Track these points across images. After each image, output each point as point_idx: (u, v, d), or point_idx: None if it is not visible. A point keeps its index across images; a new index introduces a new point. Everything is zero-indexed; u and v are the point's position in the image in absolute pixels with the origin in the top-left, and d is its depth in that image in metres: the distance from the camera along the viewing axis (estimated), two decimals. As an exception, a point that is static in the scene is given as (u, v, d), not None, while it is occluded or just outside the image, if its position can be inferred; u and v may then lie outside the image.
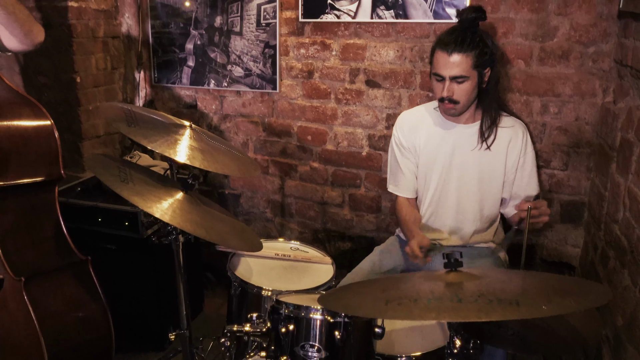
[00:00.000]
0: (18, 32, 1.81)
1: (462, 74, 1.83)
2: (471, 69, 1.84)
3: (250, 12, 2.62)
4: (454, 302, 1.04)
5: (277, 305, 1.48)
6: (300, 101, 2.67)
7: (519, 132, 1.98)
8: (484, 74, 1.88)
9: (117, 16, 2.90)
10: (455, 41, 1.82)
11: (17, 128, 1.71)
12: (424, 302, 1.05)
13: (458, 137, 2.00)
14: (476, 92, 1.91)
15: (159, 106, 2.98)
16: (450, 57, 1.82)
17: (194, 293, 2.73)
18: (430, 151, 2.04)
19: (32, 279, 1.69)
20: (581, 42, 2.13)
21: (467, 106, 1.94)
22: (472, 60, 1.83)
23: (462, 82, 1.85)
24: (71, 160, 2.80)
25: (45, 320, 1.71)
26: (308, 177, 2.76)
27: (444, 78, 1.86)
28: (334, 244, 2.79)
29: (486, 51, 1.85)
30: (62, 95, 2.72)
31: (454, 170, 2.00)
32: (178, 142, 1.63)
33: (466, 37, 1.83)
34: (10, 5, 1.76)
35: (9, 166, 1.67)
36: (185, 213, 1.51)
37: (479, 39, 1.85)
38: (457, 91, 1.87)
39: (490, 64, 1.89)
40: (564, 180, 2.29)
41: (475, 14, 1.87)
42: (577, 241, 2.34)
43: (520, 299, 1.03)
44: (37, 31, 1.85)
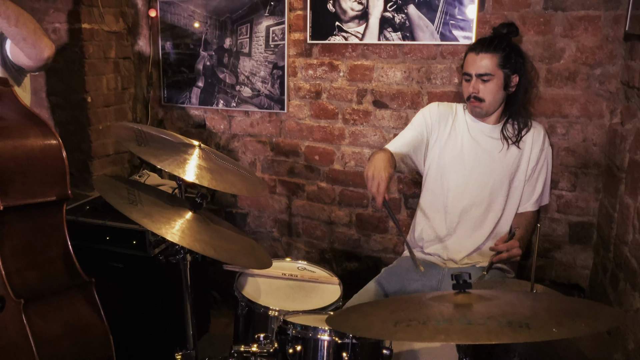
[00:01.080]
0: (23, 46, 1.78)
1: (487, 71, 1.95)
2: (497, 67, 1.95)
3: (259, 34, 2.66)
4: (463, 324, 1.03)
5: (284, 325, 1.47)
6: (308, 121, 2.69)
7: (540, 132, 2.09)
8: (510, 77, 1.98)
9: (128, 38, 2.95)
10: (483, 43, 1.99)
11: (23, 148, 1.70)
12: (433, 324, 1.04)
13: (482, 138, 2.06)
14: (502, 95, 2.01)
15: (168, 126, 3.01)
16: (478, 55, 1.97)
17: (201, 312, 2.72)
18: (452, 149, 2.08)
19: (32, 301, 1.66)
20: (587, 64, 2.14)
21: (494, 107, 2.02)
22: (498, 60, 1.95)
23: (488, 80, 1.96)
24: (80, 179, 2.82)
25: (43, 344, 1.67)
26: (315, 196, 2.77)
27: (471, 76, 1.98)
28: (340, 264, 2.78)
29: (512, 56, 1.97)
30: (72, 114, 2.76)
31: (476, 171, 2.05)
32: (187, 161, 1.64)
33: (493, 40, 1.98)
34: (14, 18, 1.73)
35: (13, 186, 1.65)
36: (195, 233, 1.52)
37: (507, 44, 1.98)
38: (483, 89, 1.98)
39: (518, 71, 2.00)
40: (572, 201, 2.28)
41: (508, 29, 2.04)
42: (586, 262, 2.32)
43: (530, 321, 1.02)
44: (44, 45, 1.80)
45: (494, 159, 2.05)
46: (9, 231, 1.68)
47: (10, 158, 1.65)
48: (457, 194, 2.07)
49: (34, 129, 1.75)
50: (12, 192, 1.65)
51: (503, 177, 2.05)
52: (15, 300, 1.64)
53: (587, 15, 2.10)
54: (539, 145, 2.07)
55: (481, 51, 1.97)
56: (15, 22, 1.74)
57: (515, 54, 1.99)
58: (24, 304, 1.64)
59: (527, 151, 2.06)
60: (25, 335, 1.64)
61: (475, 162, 2.06)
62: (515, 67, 1.99)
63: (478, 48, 1.99)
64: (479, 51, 1.98)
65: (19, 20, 1.75)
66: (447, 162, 2.09)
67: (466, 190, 2.06)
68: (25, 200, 1.70)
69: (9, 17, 1.73)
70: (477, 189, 2.05)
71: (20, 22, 1.75)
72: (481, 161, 2.05)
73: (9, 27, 1.74)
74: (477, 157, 2.06)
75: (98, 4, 2.69)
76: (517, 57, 1.99)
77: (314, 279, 2.01)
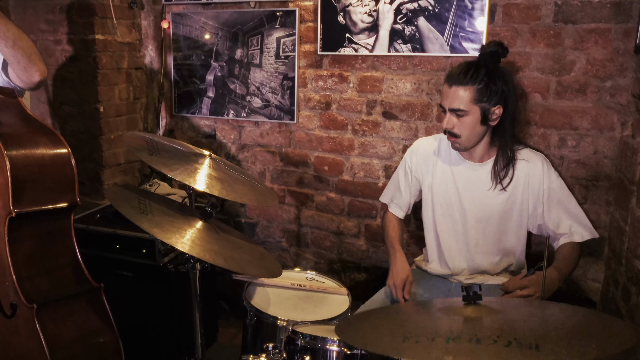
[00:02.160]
0: (16, 67, 1.81)
1: (459, 107, 1.79)
2: (471, 103, 1.79)
3: (270, 45, 2.68)
4: (473, 343, 1.01)
5: (293, 335, 1.47)
6: (318, 132, 2.71)
7: (537, 164, 1.91)
8: (489, 110, 1.80)
9: (140, 48, 2.99)
10: (458, 73, 1.80)
11: (34, 156, 1.73)
12: (442, 342, 1.03)
13: (472, 178, 1.94)
14: (482, 129, 1.85)
15: (178, 135, 3.04)
16: (451, 89, 1.81)
17: (209, 322, 2.72)
18: (443, 189, 2.00)
19: (44, 306, 1.69)
20: (598, 76, 2.14)
21: (473, 142, 1.87)
22: (473, 94, 1.78)
23: (462, 115, 1.81)
24: (91, 188, 2.85)
25: (56, 348, 1.69)
26: (324, 207, 2.77)
27: (445, 110, 1.84)
28: (349, 274, 2.78)
29: (492, 87, 1.78)
30: (85, 124, 2.80)
31: (469, 210, 1.96)
32: (198, 170, 1.66)
33: (469, 70, 1.79)
34: (11, 40, 1.75)
35: (25, 194, 1.68)
36: (205, 242, 1.52)
37: (485, 73, 1.78)
38: (457, 124, 1.83)
39: (501, 102, 1.81)
40: (582, 213, 2.26)
41: (495, 48, 1.84)
42: (597, 276, 2.29)
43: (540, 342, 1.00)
44: (35, 70, 1.81)
45: (488, 195, 1.92)
46: (20, 237, 1.71)
47: (22, 166, 1.68)
48: (450, 236, 2.00)
49: (44, 138, 1.79)
50: (24, 199, 1.68)
51: (500, 216, 1.92)
52: (27, 305, 1.66)
53: (598, 28, 2.10)
54: (537, 181, 1.90)
55: (454, 83, 1.79)
56: (13, 44, 1.77)
57: (496, 84, 1.79)
58: (37, 309, 1.66)
59: (521, 193, 1.90)
60: (39, 341, 1.66)
61: (465, 203, 1.95)
62: (496, 98, 1.79)
63: (451, 80, 1.81)
64: (452, 83, 1.80)
65: (16, 43, 1.77)
66: (438, 204, 2.01)
67: (460, 233, 1.98)
68: (36, 207, 1.73)
69: (7, 38, 1.76)
70: (474, 231, 1.96)
71: (17, 45, 1.77)
72: (471, 201, 1.94)
73: (5, 47, 1.77)
74: (466, 197, 1.95)
75: (112, 15, 2.74)
76: (500, 87, 1.79)
77: (322, 289, 2.01)
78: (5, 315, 1.71)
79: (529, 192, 1.91)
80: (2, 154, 1.64)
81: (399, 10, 2.37)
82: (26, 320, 1.67)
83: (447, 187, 1.99)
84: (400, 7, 2.37)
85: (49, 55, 2.76)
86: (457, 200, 1.97)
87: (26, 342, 1.70)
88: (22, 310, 1.67)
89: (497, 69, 1.83)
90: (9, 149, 1.65)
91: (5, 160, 1.63)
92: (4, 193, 1.65)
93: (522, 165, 1.91)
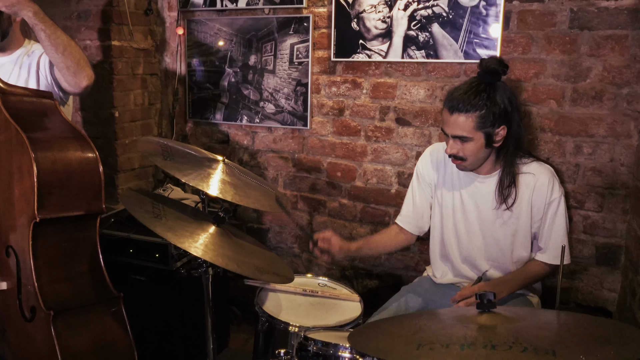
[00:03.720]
0: (65, 73, 1.88)
1: (463, 134, 1.75)
2: (474, 130, 1.74)
3: (284, 52, 2.70)
4: (488, 349, 1.00)
5: (305, 342, 1.47)
6: (331, 138, 2.71)
7: (544, 178, 1.85)
8: (493, 133, 1.76)
9: (155, 55, 3.02)
10: (458, 99, 1.74)
11: (62, 162, 1.73)
12: (457, 349, 1.02)
13: (478, 189, 1.92)
14: (487, 151, 1.81)
15: (192, 141, 3.06)
16: (452, 116, 1.75)
17: (220, 327, 2.72)
18: (449, 197, 1.98)
19: (61, 313, 1.67)
20: (614, 83, 2.12)
21: (478, 164, 1.85)
22: (476, 120, 1.73)
23: (466, 142, 1.77)
24: (105, 192, 2.84)
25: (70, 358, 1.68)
26: (337, 213, 2.77)
27: (448, 136, 1.80)
28: (361, 281, 2.77)
29: (494, 111, 1.72)
30: (100, 129, 2.83)
31: (473, 221, 1.94)
32: (211, 176, 1.67)
33: (470, 96, 1.72)
34: (62, 46, 1.84)
35: (51, 199, 1.68)
36: (218, 247, 1.53)
37: (487, 96, 1.72)
38: (462, 149, 1.79)
39: (505, 122, 1.76)
40: (598, 222, 2.24)
41: (496, 66, 1.76)
42: (613, 285, 2.26)
43: (556, 347, 0.99)
44: (84, 76, 1.89)
45: (490, 213, 1.90)
46: (43, 243, 1.70)
47: (49, 172, 1.67)
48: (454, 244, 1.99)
49: (73, 143, 1.78)
50: (49, 205, 1.67)
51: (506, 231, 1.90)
52: (45, 311, 1.66)
53: (614, 34, 2.08)
54: (542, 195, 1.85)
55: (455, 111, 1.74)
56: (63, 50, 1.84)
57: (498, 106, 1.73)
58: (53, 316, 1.65)
59: (527, 204, 1.86)
60: (53, 348, 1.65)
61: (469, 213, 1.93)
62: (499, 120, 1.74)
63: (452, 106, 1.75)
64: (453, 110, 1.74)
65: (67, 49, 1.85)
66: (444, 211, 1.99)
67: (464, 242, 1.96)
68: (61, 213, 1.72)
69: (57, 45, 1.83)
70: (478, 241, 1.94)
71: (68, 51, 1.85)
72: (475, 213, 1.93)
73: (56, 54, 1.84)
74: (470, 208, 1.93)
75: (128, 22, 2.77)
76: (502, 107, 1.74)
77: (334, 295, 2.00)
78: (25, 318, 1.71)
79: (534, 204, 1.87)
80: (30, 159, 1.63)
81: (412, 16, 2.37)
82: (43, 326, 1.67)
83: (454, 195, 1.97)
84: (414, 14, 2.37)
85: (66, 61, 2.80)
86: (462, 210, 1.95)
87: (41, 348, 1.69)
88: (40, 315, 1.67)
89: (497, 88, 1.77)
90: (37, 154, 1.64)
91: (32, 165, 1.63)
92: (30, 197, 1.65)
93: (530, 179, 1.86)
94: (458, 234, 1.98)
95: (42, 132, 1.76)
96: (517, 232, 1.91)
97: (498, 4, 2.22)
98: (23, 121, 1.70)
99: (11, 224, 1.73)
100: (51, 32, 1.83)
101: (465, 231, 1.96)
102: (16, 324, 1.75)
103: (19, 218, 1.70)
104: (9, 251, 1.73)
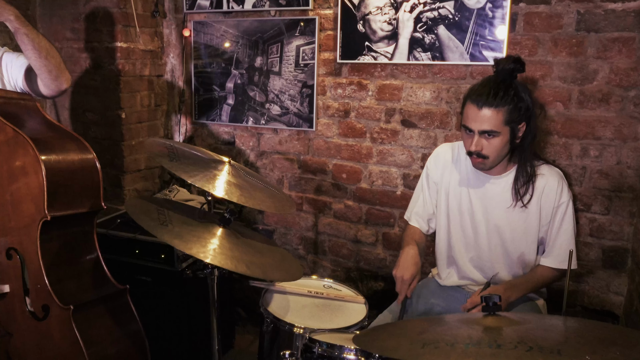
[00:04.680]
0: (46, 77, 1.87)
1: (492, 129, 1.73)
2: (502, 124, 1.73)
3: (290, 54, 2.70)
4: (493, 348, 1.00)
5: (310, 343, 1.47)
6: (336, 140, 2.71)
7: (553, 181, 1.84)
8: (517, 129, 1.76)
9: (162, 56, 3.03)
10: (487, 94, 1.71)
11: (65, 161, 1.76)
12: (462, 347, 1.02)
13: (488, 191, 1.90)
14: (508, 148, 1.80)
15: (198, 142, 3.07)
16: (481, 110, 1.72)
17: (226, 328, 2.73)
18: (457, 198, 1.96)
19: (80, 307, 1.70)
20: (622, 85, 2.11)
21: (497, 162, 1.82)
22: (504, 115, 1.71)
23: (492, 137, 1.74)
24: (112, 194, 2.89)
25: (93, 349, 1.70)
26: (342, 215, 2.77)
27: (473, 132, 1.76)
28: (366, 283, 2.76)
29: (521, 106, 1.73)
30: (107, 131, 2.84)
31: (481, 222, 1.92)
32: (217, 177, 1.67)
33: (499, 91, 1.71)
34: (44, 50, 1.83)
35: (58, 198, 1.71)
36: (226, 250, 1.53)
37: (514, 92, 1.73)
38: (487, 146, 1.76)
39: (526, 119, 1.77)
40: (605, 225, 2.23)
41: (514, 65, 1.76)
42: (620, 289, 2.25)
43: (562, 347, 0.99)
44: (64, 79, 1.90)
45: (507, 212, 1.87)
46: (50, 241, 1.74)
47: (56, 171, 1.71)
48: (461, 246, 1.97)
49: (72, 144, 1.82)
50: (57, 203, 1.71)
51: (517, 231, 1.88)
52: (63, 307, 1.67)
53: (621, 36, 2.08)
54: (551, 197, 1.83)
55: (485, 105, 1.71)
56: (46, 54, 1.84)
57: (524, 101, 1.74)
58: (73, 310, 1.67)
59: (536, 206, 1.84)
60: (75, 342, 1.67)
61: (478, 215, 1.91)
62: (522, 116, 1.75)
63: (480, 101, 1.72)
64: (482, 105, 1.71)
65: (49, 52, 1.84)
66: (451, 213, 1.97)
67: (471, 244, 1.95)
68: (68, 211, 1.76)
69: (40, 49, 1.82)
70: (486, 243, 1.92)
71: (50, 54, 1.85)
72: (485, 214, 1.90)
73: (39, 59, 1.83)
74: (480, 209, 1.91)
75: (135, 24, 2.79)
76: (526, 104, 1.75)
77: (339, 297, 2.00)
78: (36, 318, 1.72)
79: (543, 207, 1.85)
80: (37, 158, 1.66)
81: (419, 18, 2.38)
82: (61, 322, 1.68)
83: (462, 197, 1.95)
84: (420, 16, 2.37)
85: (74, 63, 2.82)
86: (470, 211, 1.94)
87: (61, 344, 1.70)
88: (56, 312, 1.68)
89: (519, 84, 1.78)
90: (43, 153, 1.67)
91: (40, 165, 1.65)
92: (38, 197, 1.67)
93: (540, 181, 1.85)
94: (465, 237, 1.97)
95: (39, 133, 1.78)
96: (525, 235, 1.89)
97: (504, 6, 2.22)
98: (16, 122, 1.72)
99: (12, 226, 1.74)
100: (34, 36, 1.81)
101: (472, 233, 1.95)
102: (25, 326, 1.75)
103: (23, 219, 1.71)
104: (10, 253, 1.74)
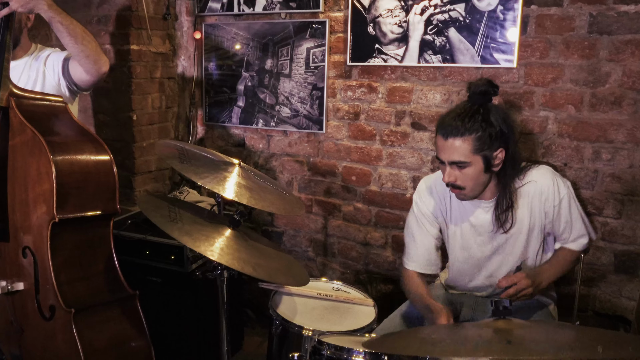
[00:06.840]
0: (85, 62, 1.93)
1: (460, 159, 1.67)
2: (472, 153, 1.66)
3: (300, 56, 2.71)
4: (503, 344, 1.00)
5: (319, 345, 1.47)
6: (346, 142, 2.71)
7: (546, 182, 1.79)
8: (492, 156, 1.69)
9: (173, 59, 3.05)
10: (450, 124, 1.67)
11: (79, 163, 1.77)
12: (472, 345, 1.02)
13: (480, 215, 1.85)
14: (487, 176, 1.73)
15: (208, 144, 3.08)
16: (447, 141, 1.67)
17: (234, 330, 2.73)
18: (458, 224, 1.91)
19: (82, 311, 1.70)
20: (634, 88, 2.09)
21: (479, 191, 1.76)
22: (472, 144, 1.65)
23: (464, 167, 1.69)
24: (123, 194, 2.91)
25: (91, 355, 1.70)
26: (351, 217, 2.76)
27: (445, 163, 1.72)
28: (375, 285, 2.76)
29: (491, 132, 1.65)
30: (118, 132, 2.86)
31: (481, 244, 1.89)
32: (227, 179, 1.68)
33: (465, 118, 1.65)
34: (80, 36, 1.88)
35: (69, 200, 1.71)
36: (233, 250, 1.54)
37: (482, 118, 1.66)
38: (460, 177, 1.71)
39: (503, 145, 1.70)
40: (617, 229, 2.20)
41: (485, 88, 1.71)
42: (632, 294, 2.22)
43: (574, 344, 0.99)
44: (103, 62, 1.96)
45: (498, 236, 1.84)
46: (61, 243, 1.74)
47: (68, 173, 1.71)
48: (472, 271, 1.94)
49: (88, 145, 1.82)
50: (67, 205, 1.71)
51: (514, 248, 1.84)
52: (65, 309, 1.68)
53: (634, 39, 2.06)
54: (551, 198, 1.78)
55: (450, 135, 1.66)
56: (82, 39, 1.89)
57: (494, 127, 1.66)
58: (74, 314, 1.67)
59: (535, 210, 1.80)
60: (75, 347, 1.67)
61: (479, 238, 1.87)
62: (497, 142, 1.67)
63: (446, 131, 1.67)
64: (447, 135, 1.66)
65: (85, 38, 1.90)
66: (453, 246, 1.94)
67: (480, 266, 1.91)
68: (79, 213, 1.76)
69: (76, 35, 1.88)
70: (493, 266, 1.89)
71: (86, 40, 1.91)
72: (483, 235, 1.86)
73: (75, 44, 1.89)
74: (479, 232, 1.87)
75: (146, 26, 2.81)
76: (498, 129, 1.67)
77: (348, 300, 2.00)
78: (44, 317, 1.73)
79: (543, 209, 1.81)
80: (48, 161, 1.67)
81: (429, 21, 2.37)
82: (63, 325, 1.69)
83: (462, 226, 1.90)
84: (431, 18, 2.37)
85: (86, 65, 2.84)
86: (473, 236, 1.88)
87: (62, 347, 1.71)
88: (60, 314, 1.70)
89: (490, 109, 1.70)
90: (55, 156, 1.68)
91: (51, 167, 1.66)
92: (49, 199, 1.68)
93: (532, 187, 1.80)
94: (471, 261, 1.92)
95: (58, 134, 1.79)
96: (526, 245, 1.86)
97: (516, 9, 2.20)
98: (38, 124, 1.73)
99: (28, 225, 1.76)
100: (68, 23, 1.87)
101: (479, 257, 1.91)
102: (35, 324, 1.77)
103: (37, 219, 1.73)
104: (26, 252, 1.76)
